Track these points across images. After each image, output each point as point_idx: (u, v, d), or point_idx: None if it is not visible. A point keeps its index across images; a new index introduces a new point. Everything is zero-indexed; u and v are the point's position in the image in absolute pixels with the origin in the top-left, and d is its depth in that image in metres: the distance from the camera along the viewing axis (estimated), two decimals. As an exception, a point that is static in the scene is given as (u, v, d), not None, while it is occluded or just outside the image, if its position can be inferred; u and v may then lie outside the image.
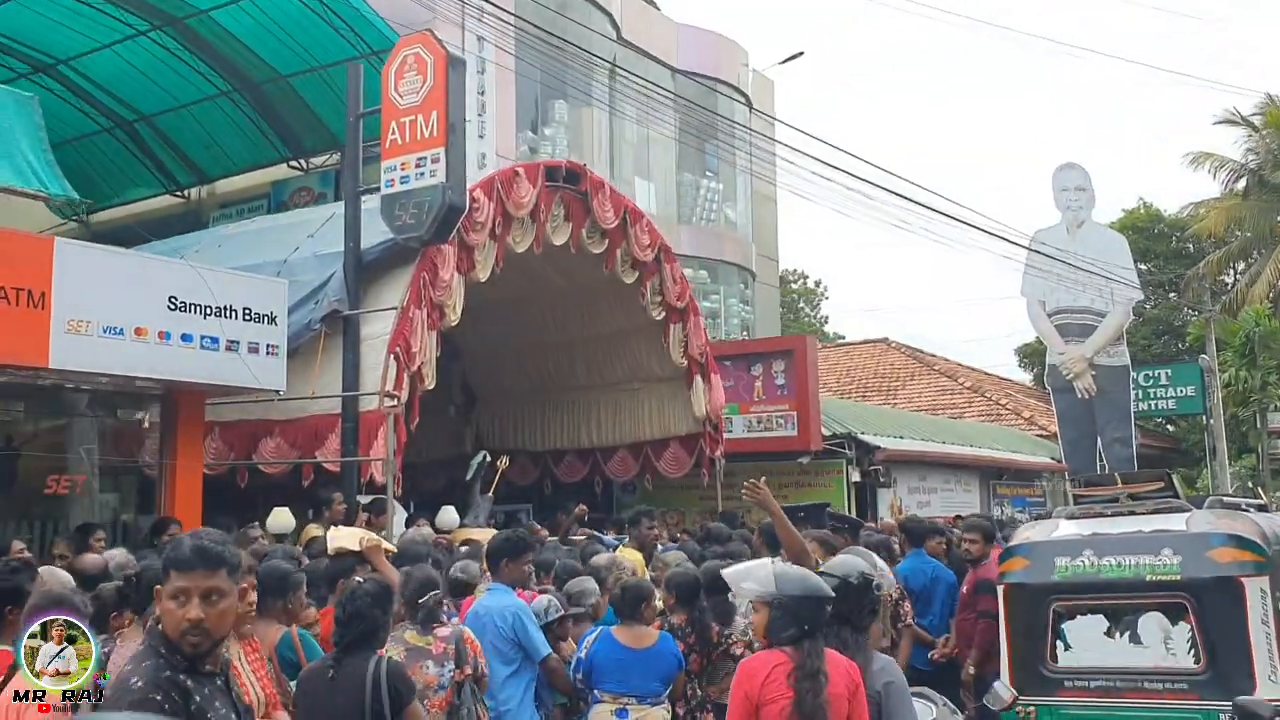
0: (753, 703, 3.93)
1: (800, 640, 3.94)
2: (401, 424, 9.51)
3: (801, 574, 4.25)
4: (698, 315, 13.62)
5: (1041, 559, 5.83)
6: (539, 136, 20.79)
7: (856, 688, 3.96)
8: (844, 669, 3.97)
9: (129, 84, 15.82)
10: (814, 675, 3.85)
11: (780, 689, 3.88)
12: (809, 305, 51.05)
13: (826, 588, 4.10)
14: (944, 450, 18.19)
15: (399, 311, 9.58)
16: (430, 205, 9.45)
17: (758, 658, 4.10)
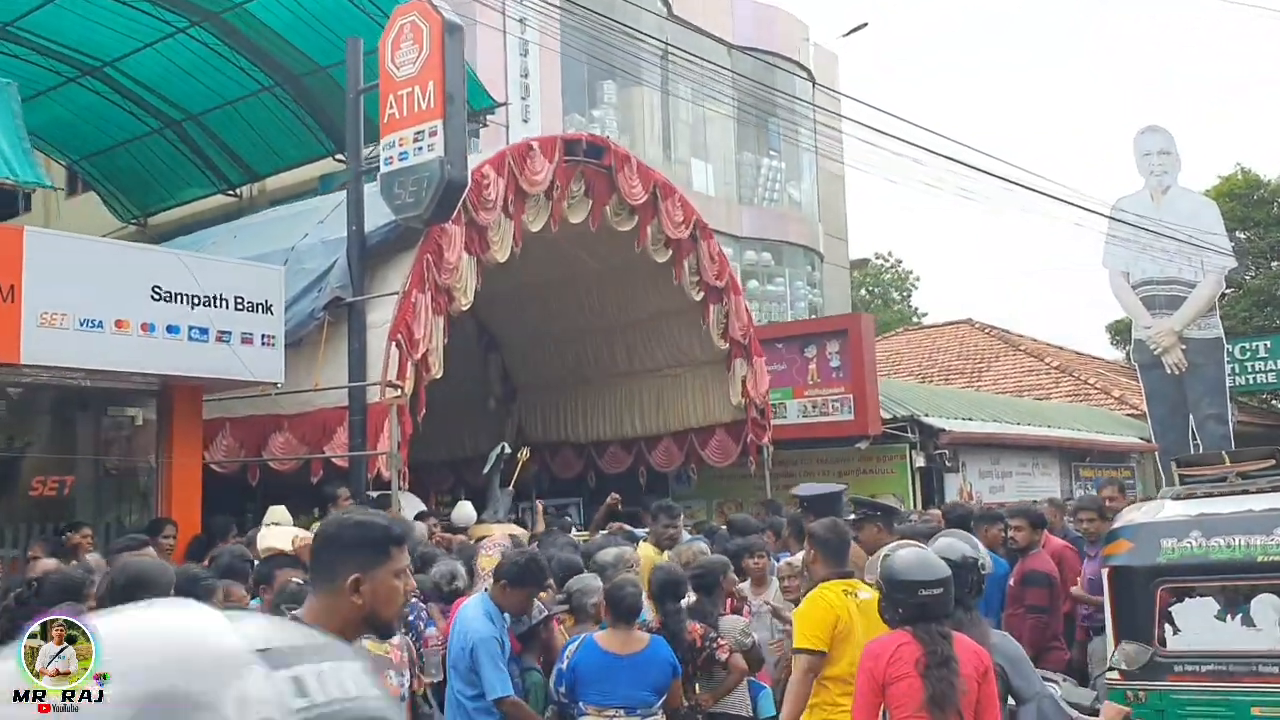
0: (878, 682, 3.92)
1: (917, 623, 3.94)
2: (407, 415, 8.98)
3: (914, 557, 4.17)
4: (739, 294, 12.88)
5: (1147, 541, 5.66)
6: (587, 119, 20.20)
7: (986, 671, 3.92)
8: (972, 652, 3.93)
9: (174, 83, 15.65)
10: (945, 662, 3.82)
11: (906, 667, 3.87)
12: (899, 292, 49.97)
13: (937, 571, 4.04)
14: (1017, 432, 17.14)
15: (400, 296, 9.04)
16: (429, 182, 8.88)
17: (882, 638, 4.09)
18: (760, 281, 24.27)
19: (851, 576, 5.36)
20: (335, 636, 2.06)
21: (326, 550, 2.61)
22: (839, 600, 5.15)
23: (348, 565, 2.50)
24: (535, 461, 14.91)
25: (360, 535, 2.56)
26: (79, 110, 16.61)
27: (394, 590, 2.58)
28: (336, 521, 2.70)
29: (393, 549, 2.58)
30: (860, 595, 5.23)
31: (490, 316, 14.57)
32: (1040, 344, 32.01)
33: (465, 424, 15.07)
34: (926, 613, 3.97)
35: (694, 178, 23.09)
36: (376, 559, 2.52)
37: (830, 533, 5.44)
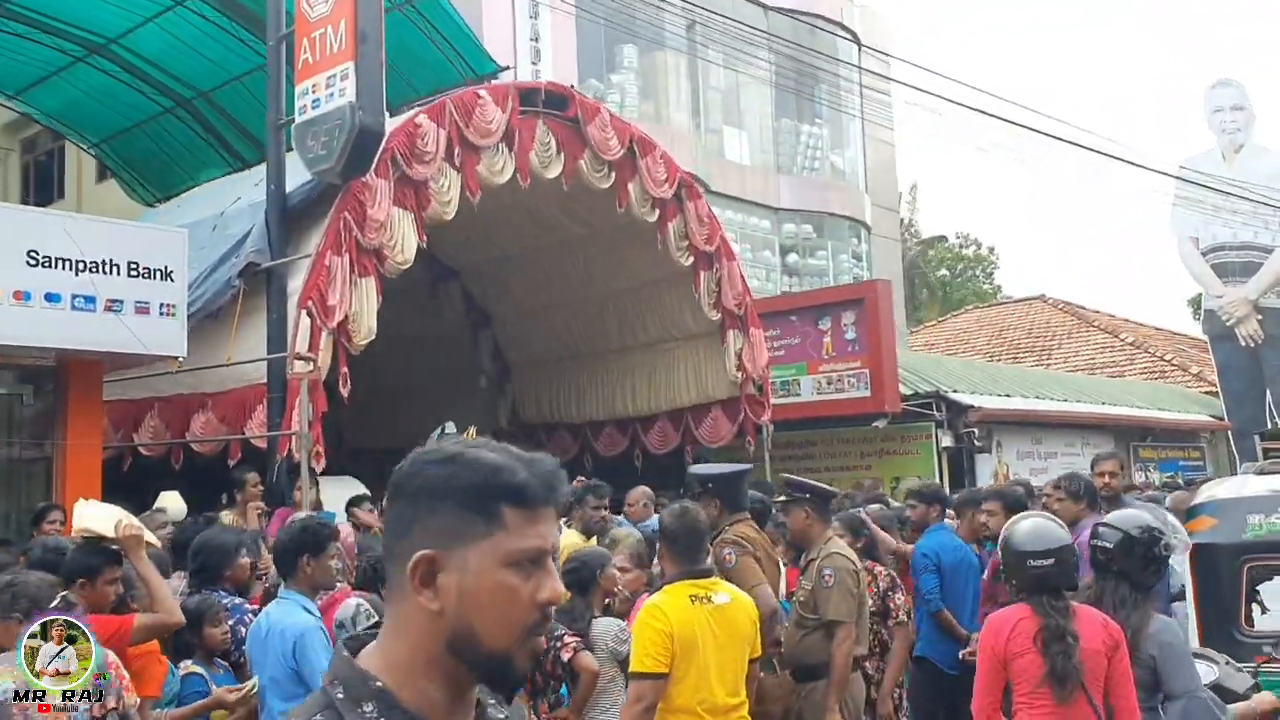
0: (1000, 658, 3.85)
1: (1033, 595, 3.84)
2: (320, 391, 8.08)
3: (1030, 527, 4.00)
4: (732, 260, 11.79)
5: (1231, 518, 5.47)
6: (605, 85, 19.18)
7: (1117, 645, 3.77)
8: (1099, 625, 3.80)
9: (180, 59, 15.06)
10: (1060, 636, 3.72)
11: (1025, 642, 3.79)
12: (982, 272, 48.50)
13: (1050, 542, 3.88)
14: (1060, 409, 15.75)
15: (312, 260, 8.14)
16: (340, 131, 7.95)
17: (999, 614, 4.00)
18: (801, 255, 23.03)
19: (708, 575, 4.33)
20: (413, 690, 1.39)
21: (398, 512, 1.44)
22: (680, 608, 4.18)
23: (417, 536, 1.39)
24: (531, 443, 14.03)
25: (447, 480, 1.39)
26: (91, 91, 16.16)
27: (505, 592, 1.39)
28: (418, 459, 1.45)
29: (506, 510, 1.38)
30: (716, 599, 4.24)
31: (479, 291, 13.69)
32: (1115, 319, 30.68)
33: (457, 405, 14.15)
34: (1041, 584, 3.84)
35: (727, 146, 21.94)
36: (470, 527, 1.38)
37: (679, 523, 4.41)
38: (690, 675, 4.11)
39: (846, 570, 5.42)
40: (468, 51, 12.78)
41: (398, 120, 9.05)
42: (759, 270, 22.37)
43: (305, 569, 4.74)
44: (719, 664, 4.18)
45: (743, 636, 4.30)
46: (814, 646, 5.40)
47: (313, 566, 4.76)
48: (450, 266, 13.47)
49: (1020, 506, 6.43)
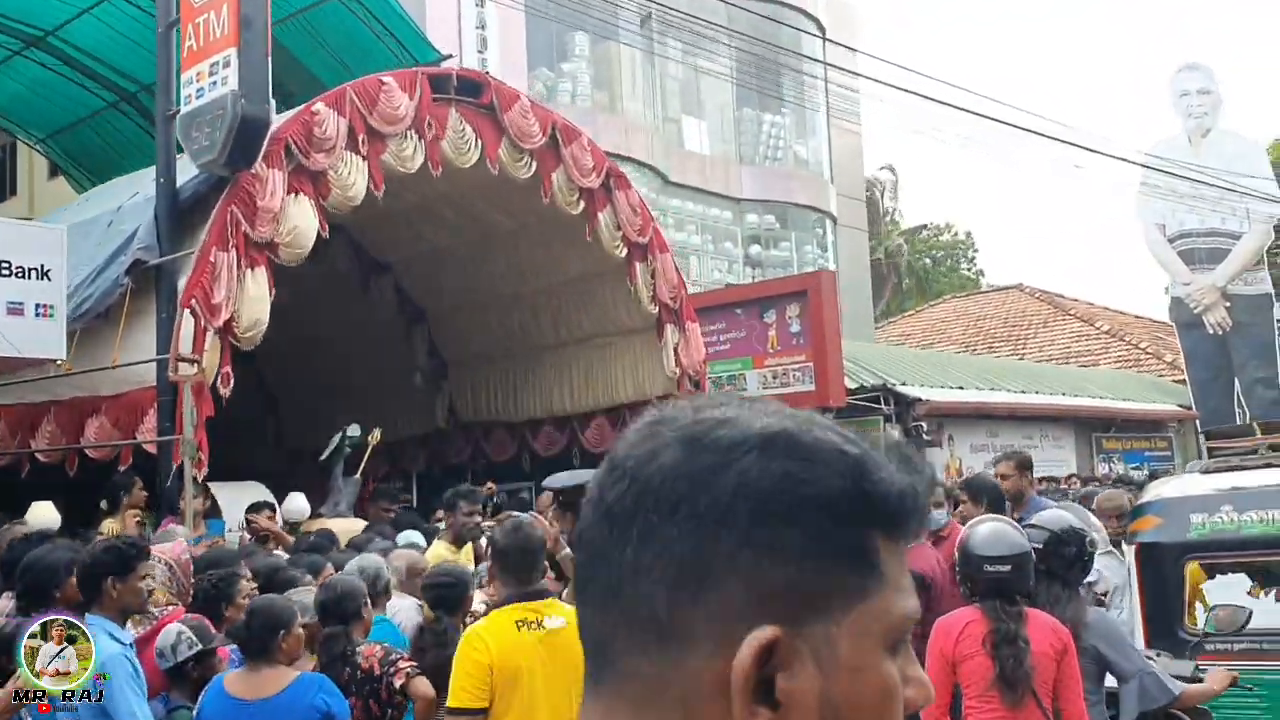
0: (949, 659, 3.80)
1: (987, 599, 3.80)
2: (206, 395, 7.68)
3: (989, 532, 3.95)
4: (666, 252, 11.38)
5: (1175, 516, 5.49)
6: (556, 74, 18.77)
7: (1066, 649, 3.76)
8: (1049, 629, 3.79)
9: (120, 52, 14.61)
10: (1012, 640, 3.69)
11: (974, 645, 3.76)
12: (965, 260, 48.37)
13: (1007, 548, 3.86)
14: (1015, 401, 15.40)
15: (196, 256, 7.74)
16: (223, 120, 7.55)
17: (950, 616, 3.95)
18: (764, 246, 22.68)
19: (541, 597, 3.96)
20: None
21: (658, 546, 0.77)
22: (503, 636, 3.81)
23: (727, 597, 0.75)
24: (469, 443, 13.65)
25: (794, 485, 0.76)
26: (33, 85, 15.74)
27: (889, 702, 0.78)
28: (702, 438, 0.79)
29: (881, 547, 0.78)
30: (548, 623, 3.85)
31: (411, 286, 13.28)
32: (1094, 308, 30.52)
33: (394, 404, 13.80)
34: (997, 589, 3.81)
35: (686, 136, 21.57)
36: (838, 581, 0.76)
37: (510, 540, 4.04)
38: (514, 709, 3.75)
39: None
40: (409, 40, 12.39)
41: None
42: (721, 262, 22.03)
43: (110, 592, 4.33)
44: (549, 696, 3.81)
45: (576, 664, 3.89)
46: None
47: (119, 589, 4.36)
48: (381, 260, 13.07)
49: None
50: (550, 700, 3.80)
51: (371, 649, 4.52)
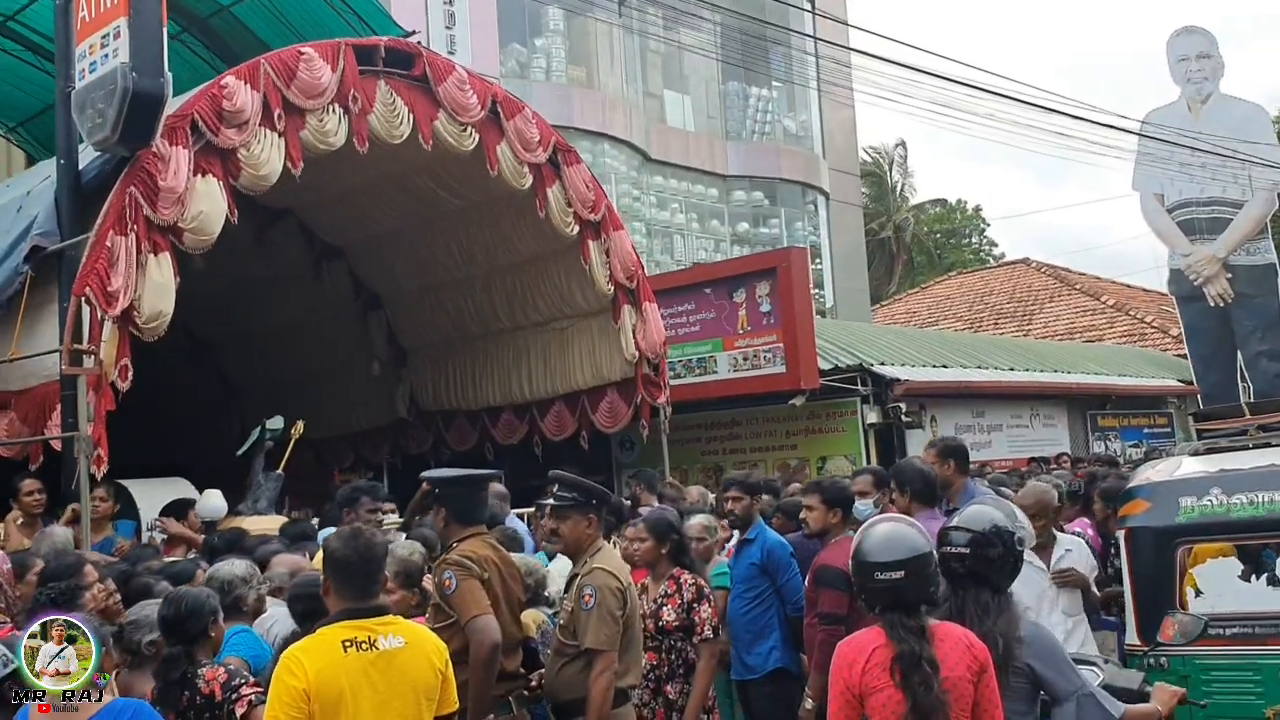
0: (855, 694, 3.34)
1: (886, 613, 3.35)
2: (107, 389, 7.20)
3: (880, 534, 3.48)
4: (620, 229, 10.87)
5: (1164, 500, 5.41)
6: (529, 49, 18.21)
7: (983, 669, 3.34)
8: (962, 648, 3.35)
9: None
10: (917, 664, 3.23)
11: (883, 677, 3.28)
12: (975, 233, 47.81)
13: (898, 551, 3.39)
14: (1000, 379, 14.83)
15: (91, 239, 7.25)
16: (114, 95, 7.05)
17: (852, 640, 3.47)
18: (752, 224, 22.09)
19: (379, 613, 3.50)
20: None
21: None
22: (324, 658, 3.37)
23: None
24: (430, 432, 13.20)
25: None
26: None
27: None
28: None
29: None
30: (383, 643, 3.41)
31: (364, 271, 12.80)
32: (1100, 281, 30.11)
33: (354, 393, 13.38)
34: (891, 600, 3.36)
35: (668, 111, 20.99)
36: None
37: (347, 549, 3.57)
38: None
39: (609, 589, 4.57)
40: (371, 16, 11.88)
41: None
42: (707, 241, 21.48)
43: None
44: None
45: (415, 688, 3.45)
46: (573, 679, 4.56)
47: None
48: (332, 244, 12.60)
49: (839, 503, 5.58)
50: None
51: (215, 672, 4.04)
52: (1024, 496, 5.57)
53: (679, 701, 5.31)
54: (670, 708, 5.31)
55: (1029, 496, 5.52)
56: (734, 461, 13.53)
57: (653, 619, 5.35)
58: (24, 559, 5.25)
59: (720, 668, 5.85)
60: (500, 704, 4.44)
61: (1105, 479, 7.69)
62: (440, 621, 4.43)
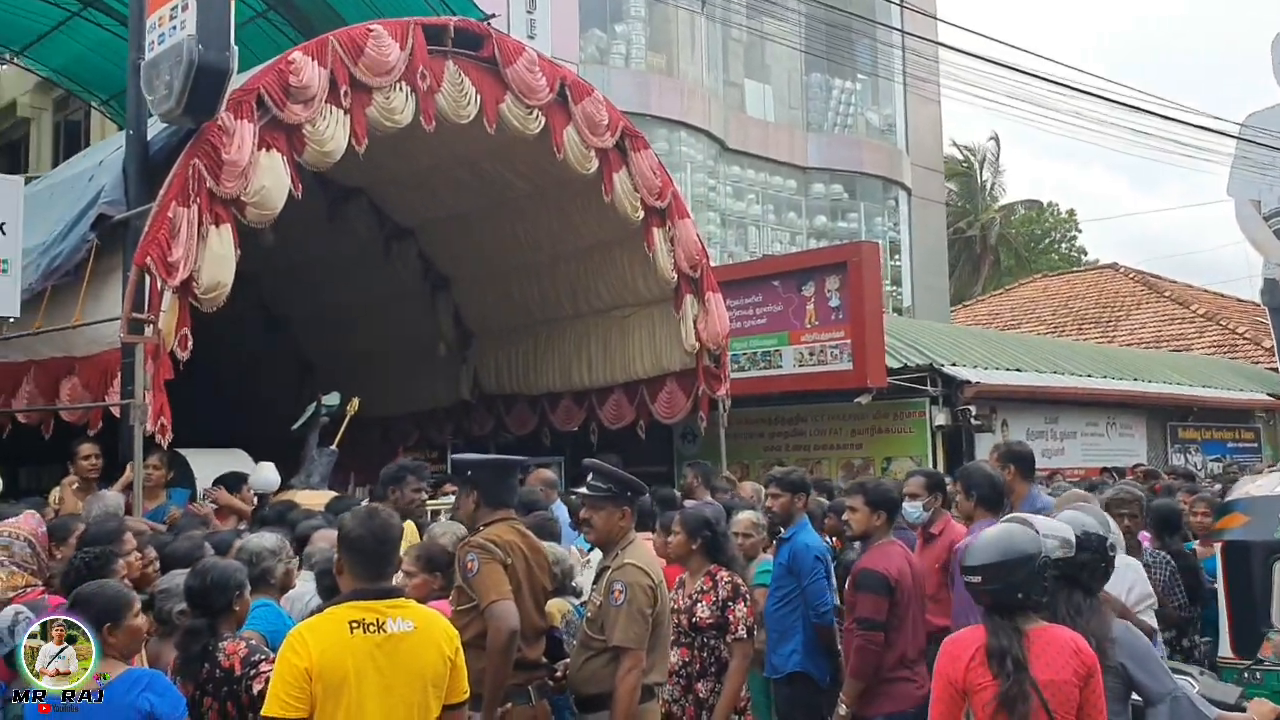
0: (957, 689, 3.46)
1: (988, 615, 3.48)
2: (165, 358, 7.27)
3: (984, 537, 3.60)
4: (685, 218, 10.73)
5: (1264, 515, 5.34)
6: (609, 35, 18.11)
7: (1090, 673, 3.39)
8: (1070, 651, 3.40)
9: None
10: (1002, 658, 3.35)
11: (987, 675, 3.38)
12: (1062, 236, 46.77)
13: (982, 555, 3.50)
14: (1075, 385, 14.39)
15: (154, 210, 7.32)
16: (179, 68, 7.11)
17: (958, 637, 3.63)
18: (830, 218, 21.77)
19: (390, 595, 3.44)
20: None
21: None
22: (330, 639, 3.30)
23: None
24: (491, 415, 13.22)
25: None
26: (94, 46, 15.80)
27: None
28: None
29: None
30: (391, 626, 3.35)
31: (434, 252, 12.84)
32: (1191, 289, 29.25)
33: (421, 373, 13.46)
34: (982, 600, 3.51)
35: (748, 101, 20.75)
36: None
37: (363, 528, 3.52)
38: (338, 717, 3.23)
39: (640, 586, 4.45)
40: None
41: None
42: (783, 233, 21.23)
43: None
44: (384, 709, 3.29)
45: (421, 674, 3.37)
46: (597, 673, 4.46)
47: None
48: (402, 225, 12.65)
49: (885, 506, 5.39)
50: (385, 713, 3.30)
51: (236, 645, 4.01)
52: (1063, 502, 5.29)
53: (709, 700, 5.19)
54: (700, 706, 5.19)
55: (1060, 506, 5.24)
56: (796, 458, 13.31)
57: (686, 615, 5.24)
58: (68, 523, 5.29)
59: (755, 666, 5.73)
60: (519, 692, 4.35)
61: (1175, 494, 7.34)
62: (462, 604, 4.36)
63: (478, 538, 4.40)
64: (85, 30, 15.20)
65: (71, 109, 23.48)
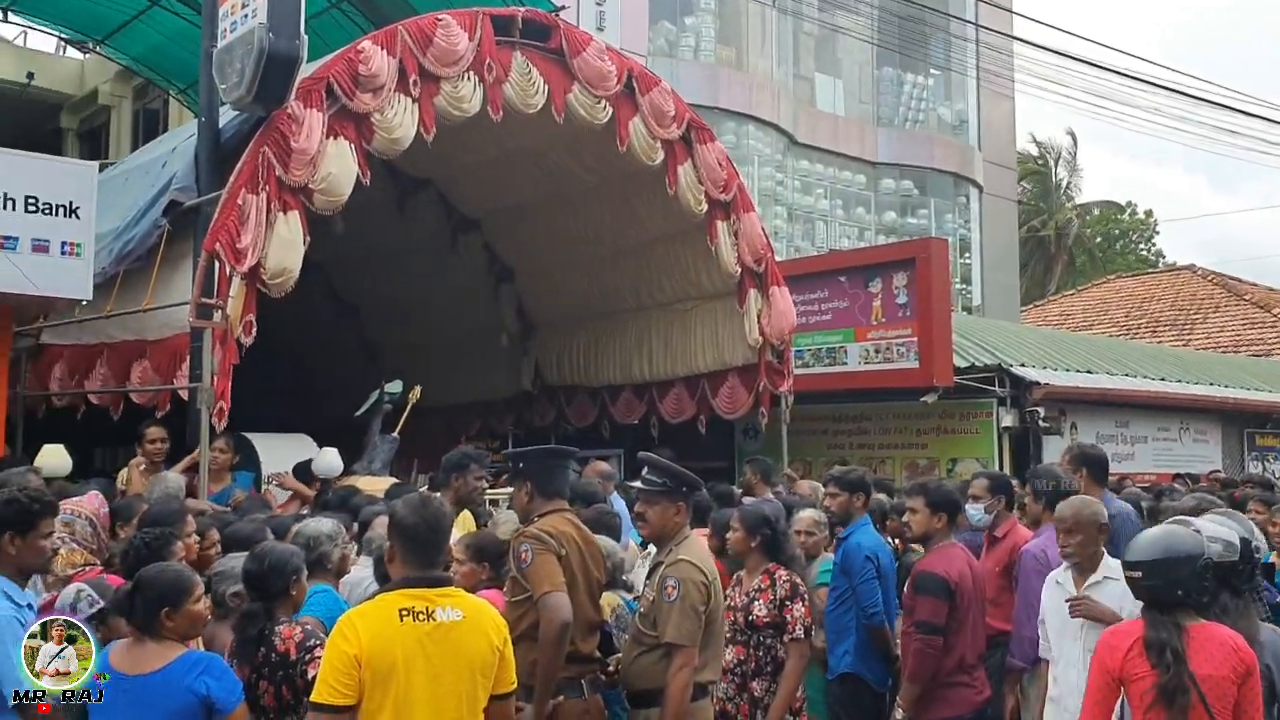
0: (1113, 678, 3.59)
1: (1146, 610, 3.62)
2: (232, 343, 7.37)
3: (1149, 534, 3.77)
4: (750, 211, 10.63)
5: None
6: (679, 28, 18.03)
7: (1248, 672, 3.47)
8: (1229, 648, 3.50)
9: None
10: (1161, 650, 3.47)
11: (1144, 666, 3.52)
12: (1141, 238, 45.86)
13: (1142, 552, 3.66)
14: (1148, 389, 14.05)
15: (224, 197, 7.41)
16: (249, 55, 7.19)
17: (1118, 629, 3.80)
18: (899, 214, 21.50)
19: (440, 584, 3.43)
20: None
21: None
22: (379, 626, 3.30)
23: None
24: (552, 406, 13.24)
25: None
26: (172, 35, 16.11)
27: None
28: None
29: None
30: (441, 615, 3.34)
31: (498, 243, 12.89)
32: (1273, 293, 28.44)
33: (484, 363, 13.52)
34: (1142, 596, 3.65)
35: (818, 95, 20.55)
36: None
37: (415, 516, 3.52)
38: (386, 710, 3.23)
39: (694, 583, 4.40)
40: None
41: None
42: (851, 229, 21.02)
43: (8, 549, 4.00)
44: (432, 699, 3.27)
45: (470, 664, 3.35)
46: (649, 669, 4.43)
47: (17, 546, 4.02)
48: (469, 216, 12.71)
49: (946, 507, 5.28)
50: (433, 701, 3.28)
51: (291, 630, 4.04)
52: (1061, 510, 4.98)
53: (764, 700, 5.14)
54: (755, 705, 5.14)
55: (1066, 509, 4.95)
56: (860, 457, 13.17)
57: (743, 613, 5.19)
58: (132, 504, 5.37)
59: (818, 666, 5.67)
60: (571, 686, 4.33)
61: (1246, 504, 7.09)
62: (516, 595, 4.35)
63: (532, 528, 4.39)
64: (164, 20, 15.49)
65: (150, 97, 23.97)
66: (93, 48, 18.52)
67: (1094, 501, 4.98)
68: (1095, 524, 4.78)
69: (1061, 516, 4.84)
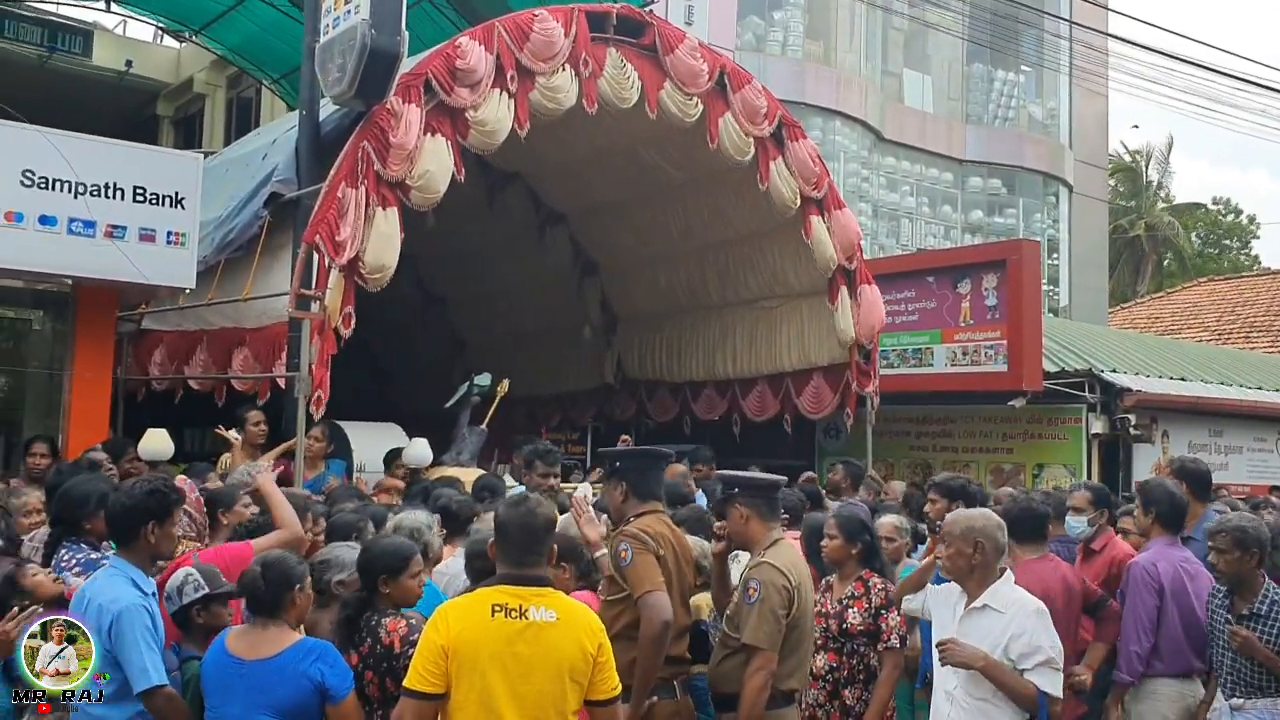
0: None
1: None
2: (330, 334, 7.50)
3: None
4: (842, 209, 10.54)
5: None
6: (767, 23, 17.92)
7: None
8: None
9: None
10: None
11: None
12: (1239, 241, 44.71)
13: None
14: (1243, 398, 13.66)
15: (324, 190, 7.54)
16: (352, 51, 7.30)
17: None
18: (986, 212, 21.17)
19: (537, 584, 3.45)
20: None
21: None
22: (470, 619, 3.36)
23: None
24: (634, 401, 13.27)
25: None
26: (266, 26, 16.49)
27: None
28: None
29: None
30: (534, 614, 3.37)
31: (584, 238, 12.94)
32: (1382, 298, 27.34)
33: (566, 356, 13.61)
34: None
35: (906, 91, 20.30)
36: None
37: (511, 515, 3.56)
38: (473, 703, 3.27)
39: (775, 586, 4.38)
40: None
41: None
42: (937, 227, 20.75)
43: (148, 538, 4.12)
44: (516, 696, 3.29)
45: (559, 665, 3.34)
46: (733, 672, 4.43)
47: (156, 535, 4.14)
48: (556, 210, 12.79)
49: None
50: (520, 699, 3.29)
51: (397, 623, 4.10)
52: (948, 520, 4.47)
53: (856, 708, 5.09)
54: (847, 713, 5.10)
55: (951, 518, 4.45)
56: (943, 460, 13.03)
57: (835, 620, 5.15)
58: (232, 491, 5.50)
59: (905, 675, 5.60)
60: (664, 687, 4.34)
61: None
62: (613, 594, 4.37)
63: (631, 528, 4.40)
64: (259, 11, 15.82)
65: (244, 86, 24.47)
66: (189, 37, 18.95)
67: (978, 515, 4.42)
68: (971, 540, 4.25)
69: (948, 527, 4.39)
